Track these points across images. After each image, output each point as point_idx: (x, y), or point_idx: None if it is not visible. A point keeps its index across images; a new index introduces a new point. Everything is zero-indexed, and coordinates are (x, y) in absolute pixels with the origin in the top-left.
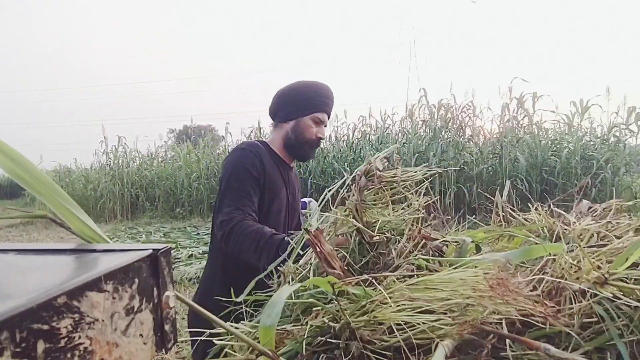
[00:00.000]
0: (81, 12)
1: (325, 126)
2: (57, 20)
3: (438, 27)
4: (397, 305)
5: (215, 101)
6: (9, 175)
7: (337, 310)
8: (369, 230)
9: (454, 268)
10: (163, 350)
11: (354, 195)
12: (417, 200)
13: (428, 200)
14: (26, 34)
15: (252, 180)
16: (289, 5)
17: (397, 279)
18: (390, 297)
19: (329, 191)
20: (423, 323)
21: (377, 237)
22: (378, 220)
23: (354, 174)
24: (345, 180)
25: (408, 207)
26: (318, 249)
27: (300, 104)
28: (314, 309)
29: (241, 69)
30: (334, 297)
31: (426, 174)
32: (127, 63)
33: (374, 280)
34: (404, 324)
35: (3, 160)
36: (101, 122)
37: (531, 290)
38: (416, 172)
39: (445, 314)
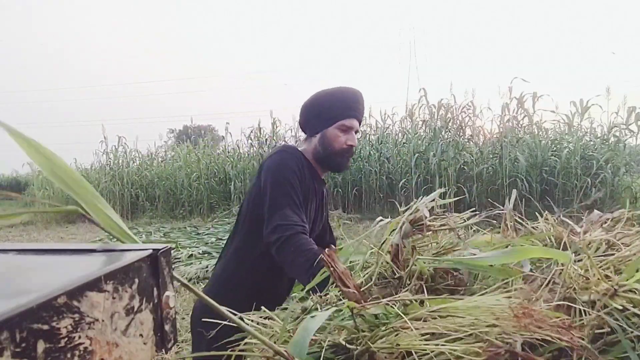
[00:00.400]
0: (81, 12)
1: (356, 132)
2: (57, 20)
3: (438, 27)
4: (419, 332)
5: (215, 101)
6: (47, 175)
7: (357, 333)
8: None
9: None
10: (163, 350)
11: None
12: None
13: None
14: (26, 34)
15: (299, 187)
16: (289, 5)
17: (419, 302)
18: (412, 323)
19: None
20: (449, 352)
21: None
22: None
23: (401, 224)
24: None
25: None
26: (332, 268)
27: (324, 115)
28: (332, 326)
29: (241, 69)
30: (353, 320)
31: (476, 219)
32: (127, 63)
33: (393, 306)
34: (426, 353)
35: (42, 162)
36: (101, 122)
37: (548, 308)
38: (465, 220)
39: (470, 342)
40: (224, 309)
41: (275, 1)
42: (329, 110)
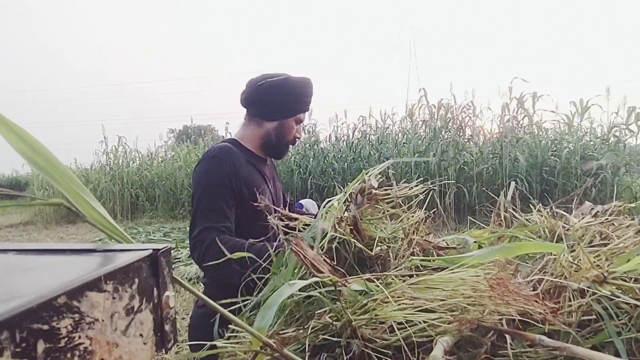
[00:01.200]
0: (81, 12)
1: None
2: (57, 20)
3: (438, 27)
4: (398, 304)
5: (215, 101)
6: (28, 163)
7: (339, 309)
8: (367, 250)
9: (454, 267)
10: (163, 350)
11: (350, 212)
12: (413, 215)
13: (424, 215)
14: (26, 34)
15: (225, 193)
16: (289, 5)
17: (398, 277)
18: (391, 296)
19: (324, 206)
20: (424, 321)
21: (377, 251)
22: (376, 236)
23: (349, 191)
24: (340, 197)
25: (404, 221)
26: (302, 256)
27: (288, 104)
28: (316, 312)
29: (241, 69)
30: (335, 296)
31: (421, 189)
32: (127, 63)
33: (374, 280)
34: (405, 323)
35: (23, 149)
36: (101, 122)
37: (532, 290)
38: (411, 188)
39: (446, 312)
40: (221, 309)
41: (275, 1)
42: (294, 101)
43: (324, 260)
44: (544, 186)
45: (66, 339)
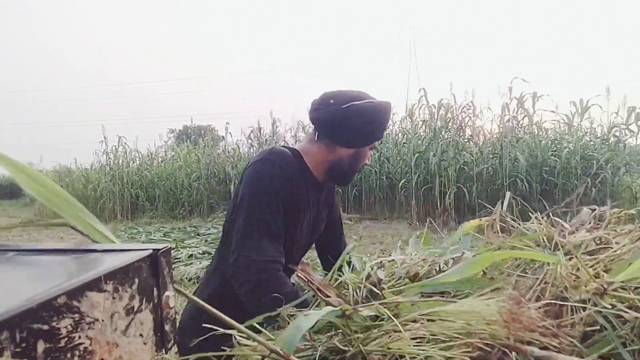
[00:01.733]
0: (81, 12)
1: None
2: (57, 20)
3: (438, 27)
4: (410, 335)
5: (215, 101)
6: (34, 196)
7: (350, 335)
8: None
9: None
10: (163, 350)
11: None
12: None
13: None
14: (26, 34)
15: (279, 208)
16: (289, 5)
17: (409, 304)
18: (402, 325)
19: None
20: (440, 356)
21: None
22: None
23: (351, 284)
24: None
25: None
26: (308, 282)
27: (370, 133)
28: (327, 334)
29: (241, 69)
30: (345, 323)
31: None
32: (127, 63)
33: (385, 310)
34: (417, 356)
35: (30, 185)
36: (101, 122)
37: (539, 308)
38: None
39: (460, 347)
40: (219, 313)
41: (275, 1)
42: (376, 129)
43: (331, 285)
44: (544, 186)
45: (66, 339)
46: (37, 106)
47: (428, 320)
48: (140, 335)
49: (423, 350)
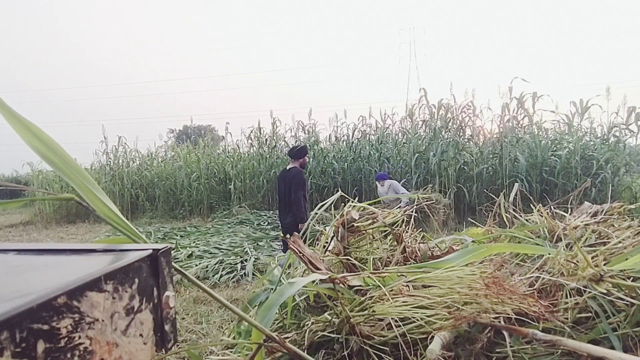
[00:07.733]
0: (81, 12)
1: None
2: (57, 20)
3: (438, 27)
4: (395, 301)
5: (215, 101)
6: (43, 160)
7: (337, 307)
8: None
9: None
10: (163, 350)
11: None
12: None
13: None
14: (26, 34)
15: (305, 185)
16: (290, 5)
17: (395, 274)
18: (388, 293)
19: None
20: (421, 318)
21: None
22: (367, 256)
23: (332, 225)
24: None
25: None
26: (300, 254)
27: (303, 154)
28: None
29: (241, 69)
30: (333, 293)
31: (402, 215)
32: (128, 63)
33: (373, 277)
34: (402, 320)
35: (38, 146)
36: (101, 122)
37: (528, 288)
38: (396, 215)
39: (442, 310)
40: (233, 307)
41: (275, 1)
42: (305, 152)
43: (321, 258)
44: (544, 186)
45: (66, 339)
46: (37, 106)
47: (414, 287)
48: (140, 335)
49: (405, 311)
